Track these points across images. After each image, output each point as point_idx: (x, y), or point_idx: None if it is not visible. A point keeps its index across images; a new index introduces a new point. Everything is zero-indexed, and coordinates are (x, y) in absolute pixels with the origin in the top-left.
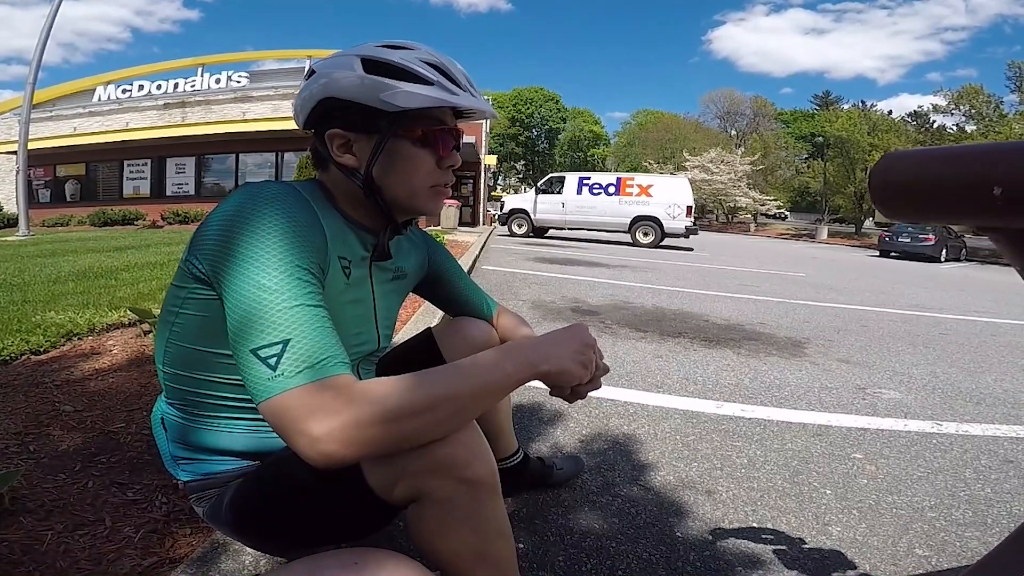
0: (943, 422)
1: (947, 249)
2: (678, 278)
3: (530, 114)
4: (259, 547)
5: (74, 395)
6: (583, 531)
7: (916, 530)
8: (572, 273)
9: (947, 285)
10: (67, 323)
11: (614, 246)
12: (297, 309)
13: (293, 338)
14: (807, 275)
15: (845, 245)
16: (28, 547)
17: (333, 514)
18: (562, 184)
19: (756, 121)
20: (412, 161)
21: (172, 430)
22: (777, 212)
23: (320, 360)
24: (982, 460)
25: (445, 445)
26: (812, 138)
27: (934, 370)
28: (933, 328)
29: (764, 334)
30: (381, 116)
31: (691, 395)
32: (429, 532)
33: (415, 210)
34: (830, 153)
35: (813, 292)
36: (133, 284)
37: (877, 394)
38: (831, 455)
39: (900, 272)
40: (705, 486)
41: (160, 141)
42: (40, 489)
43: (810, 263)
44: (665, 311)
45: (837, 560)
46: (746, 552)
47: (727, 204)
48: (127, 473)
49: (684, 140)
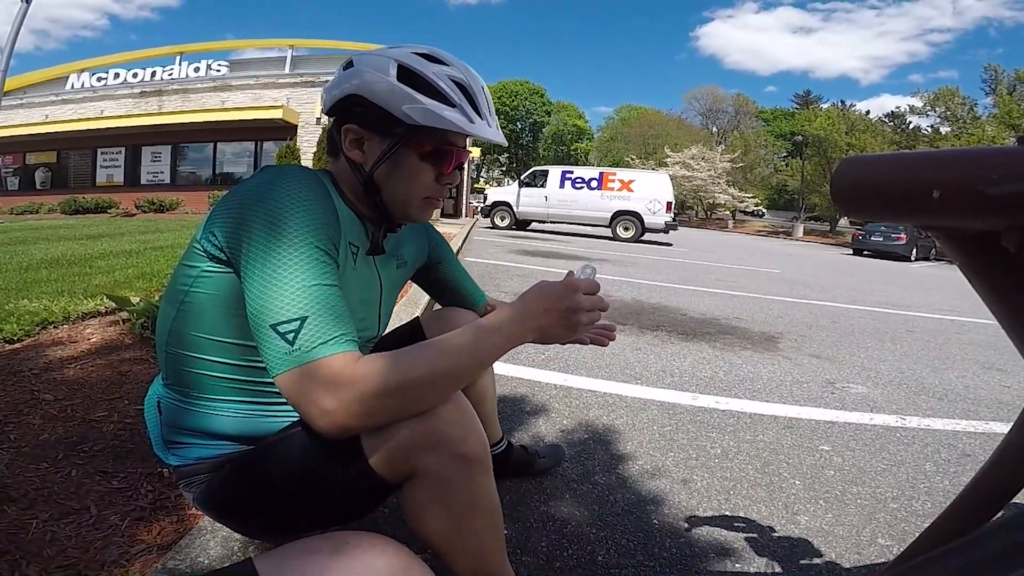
0: (907, 416)
1: (917, 248)
2: (657, 272)
3: (515, 107)
4: (248, 532)
5: (53, 384)
6: (564, 518)
7: (879, 520)
8: (554, 266)
9: (916, 283)
10: (41, 311)
11: (595, 240)
12: (315, 288)
13: (310, 316)
14: (782, 271)
15: (820, 243)
16: (13, 536)
17: (325, 497)
18: (545, 177)
19: (737, 119)
20: (414, 172)
21: (167, 413)
22: (755, 209)
23: (333, 337)
24: (942, 453)
25: (440, 422)
26: (791, 137)
27: (900, 366)
28: (901, 325)
29: (739, 328)
30: (398, 124)
31: (668, 387)
32: (422, 509)
33: (406, 216)
34: (808, 152)
35: (788, 288)
36: (109, 272)
37: (845, 388)
38: (800, 447)
39: (872, 270)
40: (681, 475)
41: (136, 129)
42: (23, 478)
43: (786, 260)
44: (644, 304)
45: (805, 548)
46: (719, 540)
47: (706, 201)
48: (111, 461)
49: (666, 136)
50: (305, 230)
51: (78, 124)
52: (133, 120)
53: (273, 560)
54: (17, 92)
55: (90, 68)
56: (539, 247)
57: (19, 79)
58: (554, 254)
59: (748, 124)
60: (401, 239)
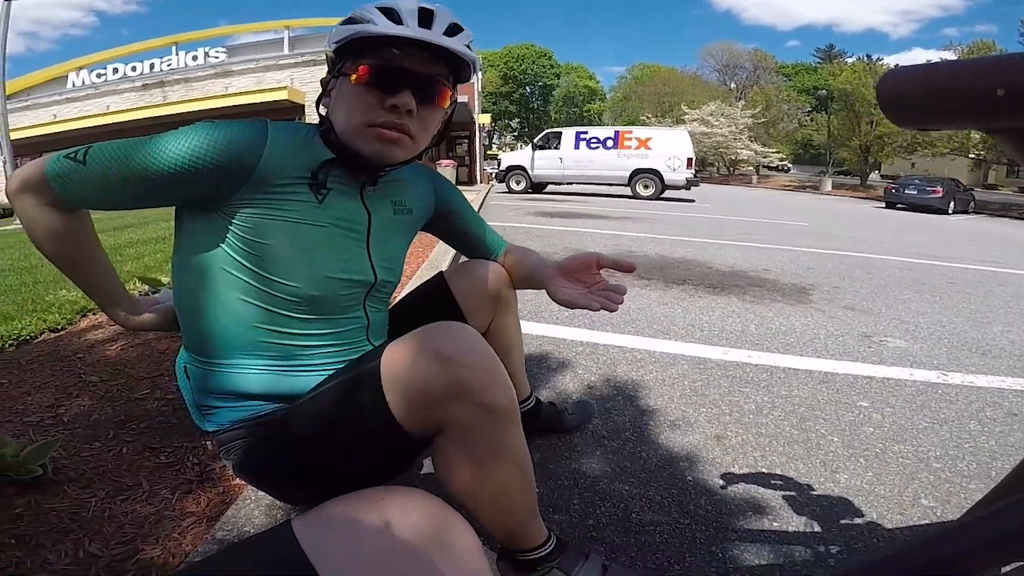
0: (949, 372)
1: (955, 201)
2: (681, 228)
3: (523, 71)
4: (286, 498)
5: (97, 366)
6: (596, 475)
7: (922, 480)
8: (573, 225)
9: (955, 236)
10: (80, 299)
11: (614, 199)
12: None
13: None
14: (810, 224)
15: (850, 196)
16: (75, 515)
17: (356, 455)
18: (559, 139)
19: (756, 74)
20: (349, 98)
21: (194, 378)
22: (780, 164)
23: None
24: (987, 412)
25: (464, 371)
26: (815, 92)
27: (940, 319)
28: (940, 277)
29: (769, 280)
30: (337, 59)
31: (697, 341)
32: (450, 461)
33: (353, 149)
34: (834, 106)
35: (817, 240)
36: (138, 259)
37: (883, 342)
38: (838, 402)
39: (906, 222)
40: (714, 431)
41: (143, 122)
42: (79, 458)
43: (814, 213)
44: (669, 259)
45: (845, 508)
46: (756, 497)
47: (728, 157)
48: (158, 437)
49: (682, 94)
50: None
51: (88, 121)
52: (140, 113)
53: (311, 519)
54: (21, 94)
55: (88, 65)
56: (557, 208)
57: (20, 81)
58: (573, 214)
59: (768, 79)
60: (403, 185)
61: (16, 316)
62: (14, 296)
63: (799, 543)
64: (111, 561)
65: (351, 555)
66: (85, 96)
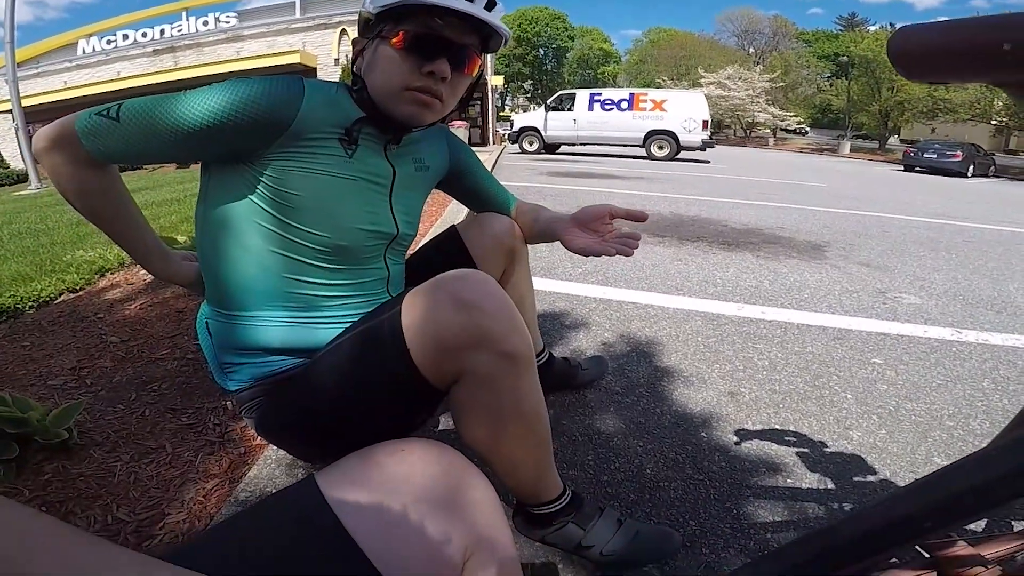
0: (963, 330)
1: (975, 165)
2: (695, 188)
3: (536, 33)
4: (307, 455)
5: (117, 326)
6: (610, 431)
7: (935, 438)
8: (586, 185)
9: (973, 197)
10: (98, 259)
11: (628, 160)
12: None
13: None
14: (827, 185)
15: (869, 159)
16: (102, 480)
17: (377, 406)
18: (572, 101)
19: (776, 40)
20: (388, 63)
21: (216, 333)
22: (797, 127)
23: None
24: (1001, 371)
25: (485, 318)
26: (835, 58)
27: (955, 276)
28: (956, 236)
29: (784, 238)
30: (378, 22)
31: (712, 297)
32: (467, 411)
33: (389, 111)
34: (855, 72)
35: (834, 200)
36: (154, 220)
37: (897, 299)
38: (851, 359)
39: (925, 184)
40: (728, 388)
41: (155, 87)
42: (103, 421)
43: (832, 175)
44: (683, 217)
45: (858, 465)
46: (769, 454)
47: (744, 120)
48: (179, 399)
49: (699, 58)
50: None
51: (99, 87)
52: (151, 78)
53: (333, 474)
54: (31, 62)
55: (97, 32)
56: (570, 168)
57: (29, 49)
58: (586, 174)
59: (787, 45)
60: (421, 143)
61: (35, 277)
62: (32, 257)
63: (812, 500)
64: (139, 526)
65: (375, 508)
66: (96, 63)
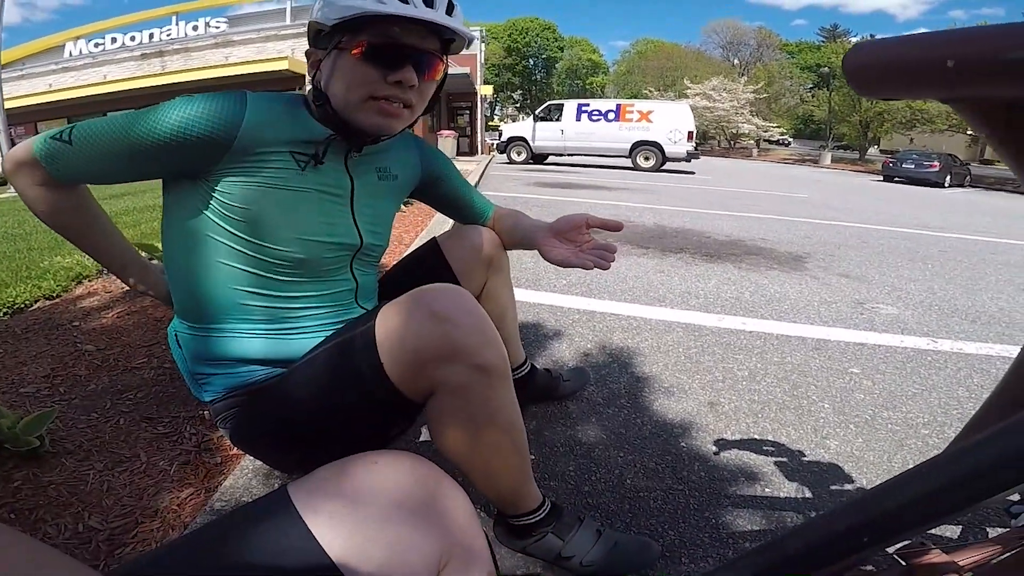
0: (939, 339)
1: (951, 175)
2: (679, 199)
3: (526, 43)
4: (283, 465)
5: (93, 335)
6: (591, 442)
7: (910, 446)
8: (573, 196)
9: (950, 207)
10: (75, 266)
11: (615, 171)
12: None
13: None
14: (809, 196)
15: (849, 170)
16: (74, 488)
17: (352, 418)
18: (560, 111)
19: (760, 51)
20: (350, 74)
21: (186, 345)
22: (780, 138)
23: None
24: (975, 379)
25: (457, 332)
26: (817, 69)
27: (932, 286)
28: (933, 245)
29: (765, 249)
30: (334, 33)
31: (693, 309)
32: (443, 423)
33: (355, 123)
34: (836, 83)
35: (815, 211)
36: (135, 226)
37: (875, 309)
38: (829, 369)
39: (903, 195)
40: (708, 398)
41: (142, 91)
42: (76, 429)
43: (813, 185)
44: (666, 229)
45: (835, 473)
46: (748, 464)
47: (729, 131)
48: (155, 408)
49: (685, 69)
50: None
51: (85, 90)
52: (138, 82)
53: (306, 485)
54: (16, 64)
55: (85, 35)
56: (557, 178)
57: (15, 51)
58: (573, 184)
59: (771, 57)
60: (388, 152)
61: (11, 283)
62: (8, 263)
63: (790, 508)
64: (111, 534)
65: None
66: (82, 66)
